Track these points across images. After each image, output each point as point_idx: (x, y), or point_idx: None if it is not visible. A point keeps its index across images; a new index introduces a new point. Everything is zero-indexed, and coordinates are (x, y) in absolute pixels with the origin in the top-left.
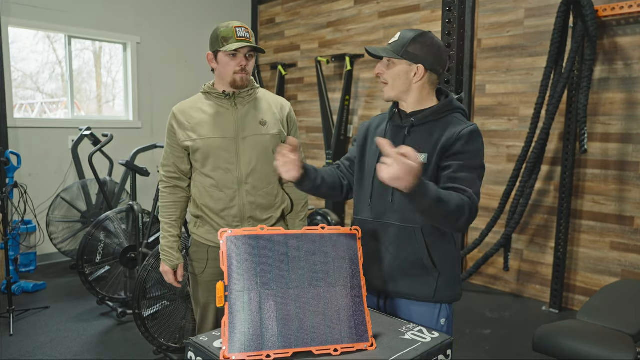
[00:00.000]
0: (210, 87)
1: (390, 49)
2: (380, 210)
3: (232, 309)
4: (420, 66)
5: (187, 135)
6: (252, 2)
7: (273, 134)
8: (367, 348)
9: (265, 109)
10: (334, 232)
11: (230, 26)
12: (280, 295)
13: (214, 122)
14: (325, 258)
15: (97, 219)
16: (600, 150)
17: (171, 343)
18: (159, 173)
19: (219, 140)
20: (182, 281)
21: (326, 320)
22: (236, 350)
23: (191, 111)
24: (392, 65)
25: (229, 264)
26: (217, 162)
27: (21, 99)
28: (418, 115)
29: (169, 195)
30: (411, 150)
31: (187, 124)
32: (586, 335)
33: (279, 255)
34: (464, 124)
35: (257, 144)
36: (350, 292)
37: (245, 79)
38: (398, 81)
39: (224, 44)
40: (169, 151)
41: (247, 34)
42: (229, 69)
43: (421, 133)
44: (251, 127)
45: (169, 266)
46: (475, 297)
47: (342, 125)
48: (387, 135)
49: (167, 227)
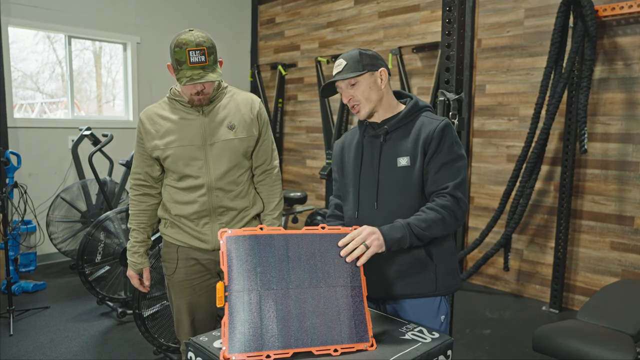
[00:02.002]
0: (175, 92)
1: (349, 71)
2: (369, 221)
3: (232, 309)
4: (383, 69)
5: (155, 144)
6: (252, 2)
7: (242, 137)
8: (367, 348)
9: (233, 112)
10: (335, 232)
11: (183, 48)
12: (280, 295)
13: (181, 130)
14: (325, 258)
15: (97, 219)
16: (600, 150)
17: (171, 343)
18: (129, 180)
19: (188, 148)
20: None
21: (326, 321)
22: (236, 350)
23: (158, 119)
24: (358, 84)
25: (229, 264)
26: (187, 170)
27: (21, 99)
28: (390, 122)
29: (138, 203)
30: (348, 237)
31: (155, 132)
32: (586, 335)
33: (279, 255)
34: (435, 120)
35: (225, 150)
36: (350, 292)
37: (204, 99)
38: (371, 93)
39: (177, 68)
40: (140, 158)
41: (203, 57)
42: (186, 91)
43: (397, 138)
44: (219, 132)
45: (133, 270)
46: (475, 297)
47: (342, 125)
48: (364, 147)
49: (134, 233)
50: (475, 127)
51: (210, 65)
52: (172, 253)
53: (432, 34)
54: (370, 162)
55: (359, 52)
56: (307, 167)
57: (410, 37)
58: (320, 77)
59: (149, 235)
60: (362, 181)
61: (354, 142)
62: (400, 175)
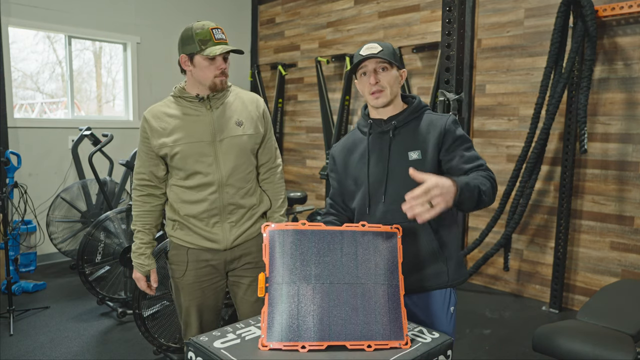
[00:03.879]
0: (181, 90)
1: (386, 56)
2: (380, 215)
3: (272, 300)
4: (405, 70)
5: (163, 142)
6: (252, 2)
7: (250, 133)
8: (401, 346)
9: (240, 109)
10: (375, 230)
11: (205, 27)
12: (319, 289)
13: (189, 126)
14: (365, 255)
15: (97, 219)
16: (600, 150)
17: (171, 343)
18: (133, 180)
19: (197, 144)
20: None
21: (362, 317)
22: (274, 339)
23: (164, 116)
24: (388, 72)
25: (271, 256)
26: (196, 167)
27: (21, 99)
28: (398, 118)
29: (143, 204)
30: (430, 180)
31: (162, 130)
32: (586, 335)
33: (320, 250)
34: (443, 116)
35: (234, 145)
36: (387, 290)
37: (225, 81)
38: (395, 86)
39: (202, 47)
40: (145, 158)
41: (223, 36)
42: (209, 73)
43: (405, 133)
44: (228, 128)
45: (140, 272)
46: (475, 297)
47: (342, 125)
48: (370, 143)
49: (139, 235)
50: (475, 127)
51: (231, 45)
52: (181, 255)
53: (432, 34)
54: (379, 158)
55: (392, 46)
56: (307, 167)
57: (410, 37)
58: (320, 77)
59: (154, 236)
60: (372, 177)
61: (356, 143)
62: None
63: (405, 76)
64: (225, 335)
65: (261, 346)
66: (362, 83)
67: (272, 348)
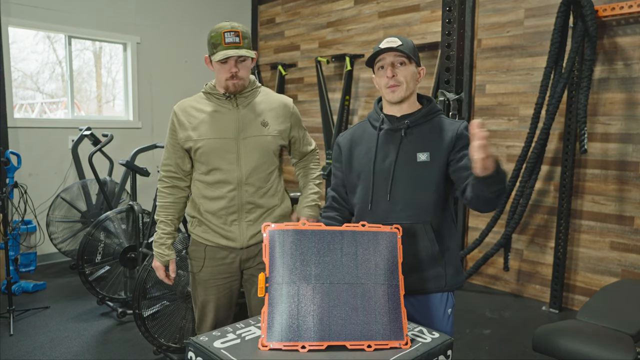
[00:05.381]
0: (211, 87)
1: (406, 51)
2: (382, 214)
3: (272, 300)
4: (423, 69)
5: (188, 135)
6: (252, 2)
7: (274, 135)
8: (401, 346)
9: (266, 110)
10: (375, 230)
11: (219, 31)
12: (319, 289)
13: (215, 122)
14: (365, 255)
15: (97, 219)
16: (600, 150)
17: (171, 343)
18: (159, 172)
19: (220, 140)
20: (181, 280)
21: (362, 317)
22: (274, 339)
23: (192, 110)
24: (406, 67)
25: (271, 256)
26: (218, 163)
27: (21, 99)
28: (412, 117)
29: (168, 195)
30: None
31: (188, 123)
32: (586, 335)
33: (320, 250)
34: (455, 122)
35: (258, 145)
36: (387, 290)
37: (238, 84)
38: (412, 82)
39: (213, 51)
40: (171, 150)
41: (237, 38)
42: (221, 76)
43: (417, 134)
44: (252, 127)
45: (160, 262)
46: (475, 297)
47: (342, 125)
48: (380, 139)
49: (161, 225)
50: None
51: (243, 47)
52: (199, 252)
53: (432, 34)
54: (386, 155)
55: (412, 42)
56: None
57: (410, 37)
58: (320, 77)
59: (176, 227)
60: (377, 173)
61: (365, 136)
62: (419, 170)
63: (423, 74)
64: (225, 335)
65: (261, 346)
66: (379, 76)
67: (272, 348)
